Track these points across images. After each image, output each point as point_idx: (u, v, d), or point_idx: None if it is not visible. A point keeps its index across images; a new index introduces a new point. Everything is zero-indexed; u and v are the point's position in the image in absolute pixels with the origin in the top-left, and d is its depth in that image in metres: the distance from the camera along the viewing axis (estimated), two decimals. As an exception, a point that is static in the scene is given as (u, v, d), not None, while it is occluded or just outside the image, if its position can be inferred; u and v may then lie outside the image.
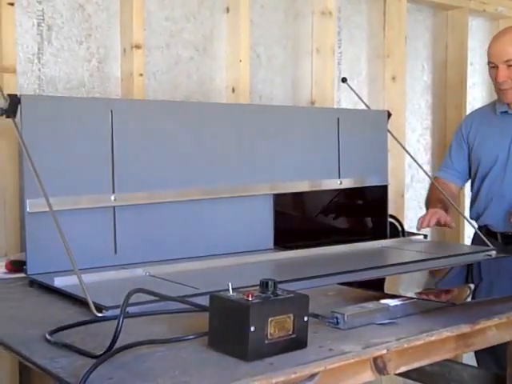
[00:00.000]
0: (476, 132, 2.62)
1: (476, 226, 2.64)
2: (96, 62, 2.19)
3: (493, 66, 2.46)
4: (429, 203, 2.54)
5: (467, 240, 3.27)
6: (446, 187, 2.57)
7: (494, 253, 2.10)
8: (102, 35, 2.20)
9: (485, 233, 2.52)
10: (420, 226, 2.31)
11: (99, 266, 1.74)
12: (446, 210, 2.45)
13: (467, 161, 2.64)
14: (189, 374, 1.04)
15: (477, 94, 3.52)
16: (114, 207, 1.83)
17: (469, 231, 3.26)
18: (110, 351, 1.08)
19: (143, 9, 2.21)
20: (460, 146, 2.66)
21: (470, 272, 2.01)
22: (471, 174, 2.65)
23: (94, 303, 1.36)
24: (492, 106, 2.66)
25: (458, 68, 3.26)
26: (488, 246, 2.22)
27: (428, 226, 2.30)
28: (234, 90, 2.44)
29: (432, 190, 2.58)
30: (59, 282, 1.57)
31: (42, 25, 2.08)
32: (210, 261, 1.87)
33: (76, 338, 1.21)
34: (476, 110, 2.83)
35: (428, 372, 2.27)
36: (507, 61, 2.40)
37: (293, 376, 1.06)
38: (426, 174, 2.66)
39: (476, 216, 2.62)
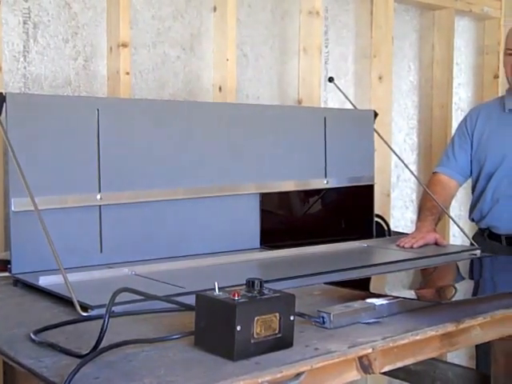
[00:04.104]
0: (482, 128, 2.50)
1: (476, 227, 2.61)
2: (82, 60, 2.18)
3: (511, 54, 2.38)
4: (420, 211, 2.44)
5: (452, 239, 3.30)
6: (445, 185, 2.50)
7: (478, 252, 2.12)
8: (88, 33, 2.19)
9: (487, 235, 2.50)
10: (402, 246, 2.16)
11: (85, 266, 1.74)
12: (439, 218, 2.39)
13: (469, 156, 2.52)
14: (175, 373, 1.04)
15: (462, 95, 3.54)
16: (100, 206, 1.82)
17: (454, 230, 3.28)
18: (96, 351, 1.08)
19: (130, 7, 2.21)
20: (463, 140, 2.54)
21: (457, 271, 2.03)
22: (474, 172, 2.54)
23: (80, 302, 1.35)
24: (499, 102, 2.55)
25: (445, 68, 3.27)
26: (474, 245, 2.24)
27: (411, 248, 2.15)
28: (220, 89, 2.43)
29: (426, 194, 2.45)
30: (44, 281, 1.56)
31: (28, 23, 2.07)
32: (196, 260, 1.86)
33: (61, 337, 1.21)
34: (482, 105, 2.74)
35: (413, 371, 2.28)
36: None
37: (279, 375, 1.07)
38: (412, 173, 2.66)
39: (479, 217, 2.52)
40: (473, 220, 2.61)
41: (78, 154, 1.78)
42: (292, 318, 1.16)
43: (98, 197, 1.81)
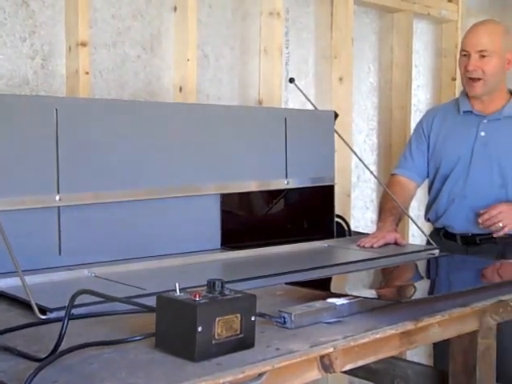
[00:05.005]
0: (438, 130, 2.55)
1: (432, 227, 2.65)
2: (40, 59, 2.14)
3: (465, 55, 2.42)
4: (381, 212, 2.47)
5: (411, 239, 3.34)
6: (404, 186, 2.54)
7: (437, 251, 2.15)
8: (46, 32, 2.15)
9: (443, 234, 2.53)
10: (363, 246, 2.18)
11: (43, 268, 1.71)
12: (399, 219, 2.42)
13: (427, 157, 2.57)
14: (136, 375, 1.03)
15: (421, 96, 3.60)
16: (59, 207, 1.79)
17: (413, 230, 3.33)
18: (55, 354, 1.07)
19: (89, 6, 2.18)
20: (420, 142, 2.58)
21: (416, 270, 2.06)
22: (430, 173, 2.58)
23: (38, 305, 1.33)
24: (454, 104, 2.59)
25: (404, 70, 3.32)
26: (432, 244, 2.27)
27: (371, 248, 2.17)
28: (181, 90, 2.42)
29: (386, 195, 2.48)
30: (1, 283, 1.53)
31: (-16, 20, 2.03)
32: (156, 261, 1.85)
33: (19, 341, 1.19)
34: (437, 107, 2.78)
35: (373, 369, 2.30)
36: (481, 51, 2.37)
37: (240, 376, 1.07)
38: (372, 174, 2.68)
39: (435, 217, 2.56)
40: (428, 220, 2.64)
41: (35, 155, 1.75)
42: (253, 318, 1.16)
43: (57, 198, 1.78)
